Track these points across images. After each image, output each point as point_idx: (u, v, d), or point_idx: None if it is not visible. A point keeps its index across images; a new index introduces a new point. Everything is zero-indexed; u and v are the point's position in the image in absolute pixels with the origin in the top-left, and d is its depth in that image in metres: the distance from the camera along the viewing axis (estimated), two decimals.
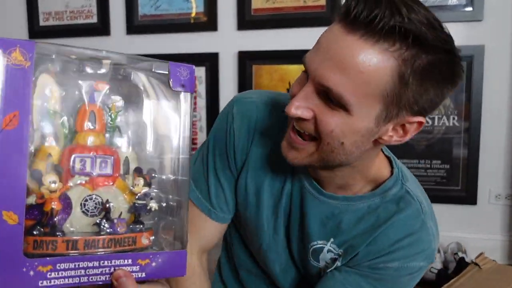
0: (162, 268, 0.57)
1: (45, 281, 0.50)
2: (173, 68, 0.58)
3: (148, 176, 0.58)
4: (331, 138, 0.66)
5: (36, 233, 0.51)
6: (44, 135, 0.53)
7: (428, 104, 0.64)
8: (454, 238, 2.05)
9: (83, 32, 2.48)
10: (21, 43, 0.49)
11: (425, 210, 0.78)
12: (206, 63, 2.32)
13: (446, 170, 2.11)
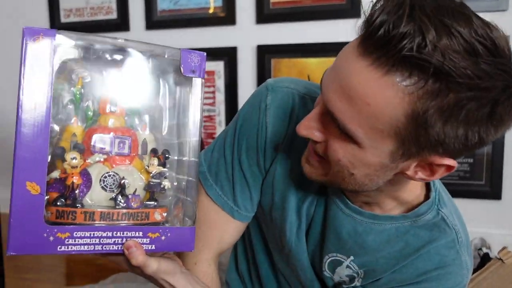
0: (171, 242, 0.61)
1: (63, 246, 0.56)
2: (184, 55, 0.61)
3: (162, 157, 0.63)
4: (340, 167, 0.60)
5: (58, 204, 0.56)
6: (70, 116, 0.59)
7: (460, 146, 0.53)
8: (478, 234, 2.01)
9: (103, 28, 2.51)
10: (44, 31, 0.54)
11: (461, 240, 0.70)
12: (225, 58, 2.32)
13: (469, 165, 2.06)
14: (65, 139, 0.59)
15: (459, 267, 0.70)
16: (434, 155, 0.55)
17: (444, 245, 0.69)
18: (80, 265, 2.04)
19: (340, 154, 0.58)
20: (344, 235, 0.73)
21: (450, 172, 0.58)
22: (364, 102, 0.52)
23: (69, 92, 0.59)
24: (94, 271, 1.96)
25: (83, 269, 1.99)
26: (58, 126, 0.59)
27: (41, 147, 0.54)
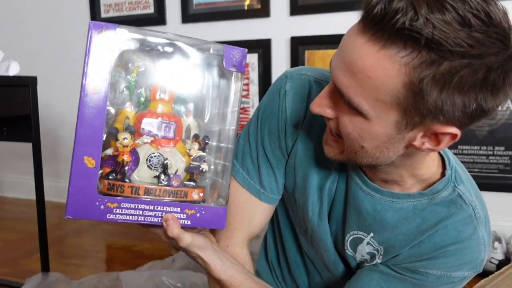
0: (205, 219, 0.68)
1: (112, 215, 0.63)
2: (227, 50, 0.68)
3: (203, 142, 0.69)
4: (350, 141, 0.63)
5: (110, 178, 0.64)
6: (125, 101, 0.67)
7: (460, 114, 0.55)
8: None
9: (141, 22, 2.57)
10: (107, 25, 0.61)
11: (478, 216, 0.71)
12: (259, 50, 2.34)
13: (510, 157, 1.99)
14: (119, 121, 0.66)
15: (476, 242, 0.71)
16: (437, 124, 0.57)
17: (461, 220, 0.70)
18: (119, 252, 2.12)
19: (350, 128, 0.62)
20: (364, 212, 0.75)
21: (454, 140, 0.59)
22: (365, 76, 0.56)
23: (125, 79, 0.67)
24: (132, 257, 2.03)
25: (122, 255, 2.07)
26: (114, 109, 0.67)
27: (98, 127, 0.61)
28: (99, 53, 0.60)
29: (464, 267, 0.71)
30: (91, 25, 0.61)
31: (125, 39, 0.63)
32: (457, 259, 0.71)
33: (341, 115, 0.62)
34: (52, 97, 2.82)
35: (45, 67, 2.87)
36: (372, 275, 0.76)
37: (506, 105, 1.97)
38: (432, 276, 0.72)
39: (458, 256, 0.71)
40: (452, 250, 0.70)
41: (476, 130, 2.03)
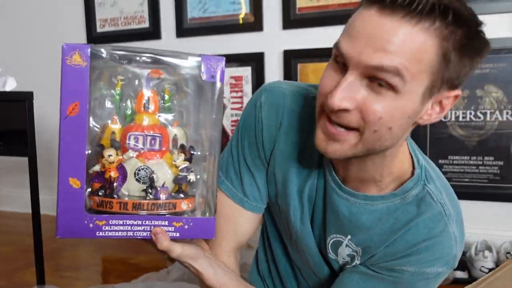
0: (193, 230, 0.68)
1: (101, 232, 0.65)
2: (205, 62, 0.67)
3: (188, 152, 0.70)
4: (379, 126, 0.64)
5: (100, 194, 0.65)
6: (111, 116, 0.68)
7: (464, 77, 0.66)
8: (508, 238, 1.97)
9: (136, 37, 2.61)
10: (80, 47, 0.62)
11: (448, 213, 0.74)
12: (252, 63, 2.37)
13: (499, 167, 2.03)
14: (106, 137, 0.67)
15: (447, 238, 0.73)
16: (447, 90, 0.66)
17: (431, 218, 0.73)
18: (115, 265, 2.13)
19: (382, 112, 0.63)
20: (341, 216, 0.78)
21: (455, 102, 0.68)
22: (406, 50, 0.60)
23: (110, 93, 0.68)
24: (128, 270, 2.04)
25: (117, 267, 2.08)
26: (99, 125, 0.68)
27: (79, 148, 0.63)
28: (73, 75, 0.62)
29: (436, 263, 0.74)
30: (64, 47, 0.62)
31: (101, 57, 0.64)
32: (429, 255, 0.73)
33: (367, 104, 0.63)
34: (48, 110, 2.84)
35: (42, 81, 2.89)
36: (352, 277, 0.79)
37: (495, 116, 2.01)
38: (407, 273, 0.75)
39: (430, 252, 0.73)
40: (424, 247, 0.73)
41: (466, 140, 2.06)
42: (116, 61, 0.66)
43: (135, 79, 0.68)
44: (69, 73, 0.62)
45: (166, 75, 0.69)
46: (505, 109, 2.00)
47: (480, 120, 2.04)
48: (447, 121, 2.08)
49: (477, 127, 2.04)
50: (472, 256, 1.86)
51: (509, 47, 1.96)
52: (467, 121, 2.06)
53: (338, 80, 0.65)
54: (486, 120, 2.03)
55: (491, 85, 2.01)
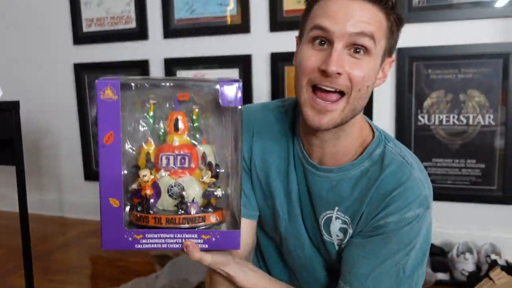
0: (220, 243, 0.75)
1: (139, 244, 0.73)
2: (222, 88, 0.72)
3: (215, 170, 0.76)
4: (362, 84, 0.79)
5: (138, 210, 0.74)
6: (145, 136, 0.76)
7: (395, 47, 0.86)
8: (489, 239, 2.03)
9: (123, 37, 2.60)
10: (111, 82, 0.69)
11: (409, 162, 0.85)
12: (239, 65, 2.38)
13: (481, 170, 2.08)
14: (142, 158, 0.76)
15: (415, 182, 0.83)
16: (388, 57, 0.85)
17: (396, 168, 0.84)
18: (104, 267, 2.15)
19: (364, 71, 0.79)
20: (325, 193, 0.89)
21: (391, 66, 0.88)
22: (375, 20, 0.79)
23: (144, 117, 0.76)
24: (117, 272, 2.07)
25: (107, 271, 2.10)
26: (135, 147, 0.76)
27: (116, 171, 0.71)
28: (107, 108, 0.69)
29: (412, 206, 0.82)
30: (97, 83, 0.69)
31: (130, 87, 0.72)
32: (404, 201, 0.82)
33: (353, 67, 0.79)
34: (36, 110, 2.83)
35: (28, 81, 2.87)
36: (352, 252, 0.87)
37: (477, 120, 2.05)
38: (391, 223, 0.83)
39: (403, 198, 0.82)
40: (397, 194, 0.82)
41: (449, 143, 2.11)
42: (145, 90, 0.74)
43: (165, 102, 0.76)
44: (103, 107, 0.69)
45: (193, 97, 0.76)
46: (487, 113, 2.04)
47: (463, 124, 2.08)
48: (431, 125, 2.12)
49: (460, 130, 2.09)
50: (454, 258, 1.91)
51: (491, 53, 2.00)
52: (450, 124, 2.10)
53: (323, 54, 0.79)
54: (469, 124, 2.07)
55: (474, 90, 2.05)
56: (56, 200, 2.94)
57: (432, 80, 2.10)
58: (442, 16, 2.05)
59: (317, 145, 0.89)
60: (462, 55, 2.04)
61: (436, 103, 2.11)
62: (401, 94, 2.14)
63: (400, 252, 0.83)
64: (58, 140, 2.88)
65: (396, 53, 2.11)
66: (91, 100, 2.74)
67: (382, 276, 0.84)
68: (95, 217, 2.84)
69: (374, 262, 0.84)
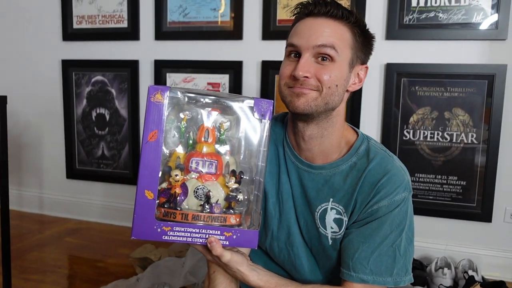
0: (240, 240, 0.84)
1: (166, 236, 0.81)
2: (257, 103, 0.85)
3: (239, 176, 0.85)
4: (330, 83, 0.92)
5: (166, 206, 0.81)
6: (177, 143, 0.85)
7: (368, 54, 1.01)
8: (468, 255, 2.07)
9: (113, 36, 2.58)
10: (162, 88, 0.80)
11: (390, 155, 1.00)
12: (230, 71, 2.39)
13: (462, 187, 2.12)
14: (172, 160, 0.84)
15: (398, 170, 0.96)
16: (360, 64, 0.98)
17: (380, 160, 0.97)
18: (82, 268, 2.11)
19: (329, 74, 0.92)
20: (320, 186, 1.00)
21: (367, 73, 1.01)
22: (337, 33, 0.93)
23: (177, 126, 0.84)
24: (96, 274, 2.04)
25: (85, 271, 2.07)
26: (168, 150, 0.84)
27: (155, 167, 0.79)
28: (155, 109, 0.79)
29: (399, 190, 0.94)
30: (150, 88, 0.79)
31: (176, 96, 0.82)
32: (391, 186, 0.94)
33: (319, 71, 0.92)
34: (19, 105, 2.78)
35: (14, 75, 2.83)
36: (350, 240, 0.96)
37: (460, 138, 2.10)
38: (383, 207, 0.94)
39: (391, 184, 0.94)
40: (385, 181, 0.94)
41: (432, 159, 2.15)
42: (187, 101, 0.83)
43: (198, 115, 0.85)
44: (152, 108, 0.79)
45: (223, 113, 0.86)
46: (470, 132, 2.09)
47: (447, 141, 2.12)
48: (416, 140, 2.16)
49: (443, 147, 2.13)
50: (432, 272, 1.94)
51: (476, 73, 2.05)
52: (434, 141, 2.14)
53: (295, 64, 0.93)
54: (453, 141, 2.11)
55: (458, 108, 2.10)
56: (36, 197, 2.89)
57: (419, 96, 2.14)
58: (431, 35, 2.10)
59: (305, 147, 1.00)
60: (449, 74, 2.08)
61: (421, 119, 2.15)
62: (388, 109, 2.18)
63: (393, 233, 0.94)
64: (41, 136, 2.84)
65: (385, 68, 2.15)
66: (77, 97, 2.71)
67: (382, 256, 0.93)
68: (75, 216, 2.80)
69: (373, 245, 0.93)
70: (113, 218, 2.73)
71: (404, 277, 0.95)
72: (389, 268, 0.93)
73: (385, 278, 0.93)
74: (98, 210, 2.77)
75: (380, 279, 0.93)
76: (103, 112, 2.68)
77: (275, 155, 1.05)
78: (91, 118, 2.70)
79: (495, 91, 2.03)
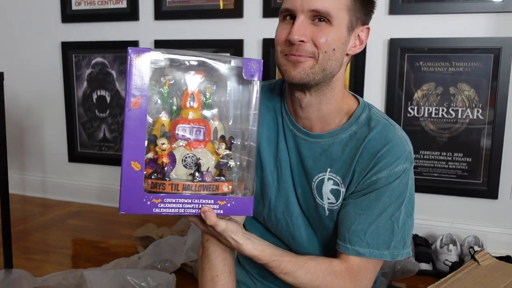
0: (234, 208, 0.80)
1: (156, 209, 0.75)
2: (246, 63, 0.79)
3: (229, 142, 0.80)
4: (327, 47, 0.86)
5: (153, 177, 0.76)
6: (159, 110, 0.79)
7: (369, 14, 0.93)
8: (473, 232, 2.04)
9: (113, 17, 2.55)
10: (142, 50, 0.73)
11: (392, 124, 0.94)
12: (231, 50, 2.36)
13: (468, 163, 2.09)
14: (156, 128, 0.78)
15: (399, 140, 0.91)
16: (361, 26, 0.92)
17: (381, 129, 0.92)
18: (85, 248, 2.11)
19: (326, 37, 0.87)
20: (318, 155, 0.96)
21: (368, 34, 0.94)
22: None
23: (159, 91, 0.78)
24: (98, 254, 2.03)
25: (88, 252, 2.07)
26: (151, 118, 0.78)
27: (141, 136, 0.73)
28: (137, 74, 0.72)
29: (400, 161, 0.90)
30: (130, 51, 0.72)
31: (158, 59, 0.75)
32: (392, 157, 0.90)
33: (315, 34, 0.86)
34: (19, 88, 2.76)
35: (13, 58, 2.81)
36: (348, 211, 0.93)
37: (466, 113, 2.06)
38: (382, 178, 0.89)
39: (391, 154, 0.90)
40: (385, 151, 0.90)
41: (437, 136, 2.11)
42: (170, 64, 0.77)
43: (181, 79, 0.79)
44: (133, 72, 0.72)
45: (208, 76, 0.80)
46: (476, 108, 2.05)
47: (452, 117, 2.08)
48: (420, 117, 2.12)
49: (448, 123, 2.09)
50: (437, 249, 1.92)
51: (482, 47, 2.00)
52: (439, 117, 2.10)
53: (290, 27, 0.87)
54: (458, 117, 2.08)
55: (464, 84, 2.05)
56: (38, 181, 2.89)
57: (423, 72, 2.10)
58: (435, 9, 2.05)
59: (303, 114, 0.96)
60: (454, 48, 2.04)
61: (426, 96, 2.11)
62: (391, 85, 2.14)
63: (392, 205, 0.90)
64: (42, 120, 2.83)
65: (388, 44, 2.11)
66: (77, 79, 2.69)
67: (379, 229, 0.90)
68: (77, 199, 2.80)
69: (371, 218, 0.89)
70: (115, 200, 2.71)
71: (401, 251, 0.91)
72: (386, 241, 0.90)
73: (382, 251, 0.90)
74: (100, 193, 2.76)
75: (377, 252, 0.90)
76: (104, 94, 2.66)
77: (273, 122, 1.01)
78: (92, 100, 2.69)
79: (501, 65, 1.98)
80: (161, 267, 1.69)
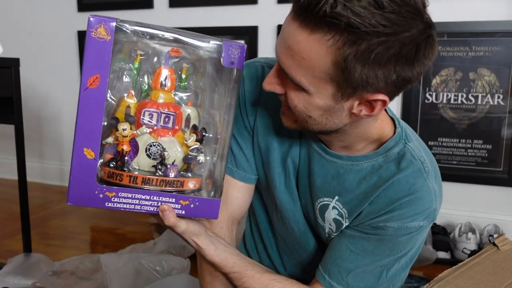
0: (198, 210, 0.71)
1: (110, 203, 0.66)
2: (226, 47, 0.68)
3: (200, 133, 0.71)
4: (299, 112, 0.71)
5: (111, 166, 0.67)
6: (127, 88, 0.68)
7: (384, 84, 0.64)
8: (493, 220, 2.00)
9: (128, 5, 2.55)
10: (105, 20, 0.61)
11: (427, 170, 0.77)
12: (246, 36, 2.34)
13: (488, 151, 2.04)
14: (121, 110, 0.68)
15: (427, 193, 0.76)
16: (367, 93, 0.65)
17: (412, 174, 0.76)
18: (102, 234, 2.14)
19: (296, 101, 0.69)
20: (329, 178, 0.82)
21: (385, 106, 0.68)
22: (301, 57, 0.63)
23: (128, 67, 0.68)
24: (115, 240, 2.06)
25: (105, 238, 2.10)
26: (115, 97, 0.68)
27: (97, 120, 0.63)
28: (97, 48, 0.61)
29: (418, 217, 0.76)
30: (90, 20, 0.61)
31: (124, 32, 0.64)
32: (411, 210, 0.76)
33: (288, 91, 0.70)
34: (36, 78, 2.80)
35: (30, 48, 2.84)
36: (341, 242, 0.82)
37: (486, 99, 2.01)
38: (391, 228, 0.77)
39: (412, 207, 0.76)
40: (406, 202, 0.76)
41: (456, 123, 2.07)
42: (138, 36, 0.65)
43: (154, 56, 0.68)
44: (92, 46, 0.61)
45: (186, 54, 0.69)
46: (497, 93, 2.00)
47: (472, 103, 2.04)
48: (439, 103, 2.08)
49: (468, 110, 2.05)
50: (456, 238, 1.89)
51: (504, 31, 1.95)
52: (458, 103, 2.06)
53: None
54: (477, 103, 2.03)
55: (484, 69, 2.00)
56: (57, 169, 2.93)
57: (441, 57, 2.05)
58: None
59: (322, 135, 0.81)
60: (473, 32, 1.99)
61: (444, 81, 2.06)
62: None
63: (390, 257, 0.80)
64: (60, 109, 2.86)
65: None
66: None
67: (365, 274, 0.80)
68: None
69: (362, 261, 0.80)
70: None
71: None
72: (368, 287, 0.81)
73: None
74: None
75: None
76: None
77: None
78: None
79: None
80: (175, 253, 1.70)
